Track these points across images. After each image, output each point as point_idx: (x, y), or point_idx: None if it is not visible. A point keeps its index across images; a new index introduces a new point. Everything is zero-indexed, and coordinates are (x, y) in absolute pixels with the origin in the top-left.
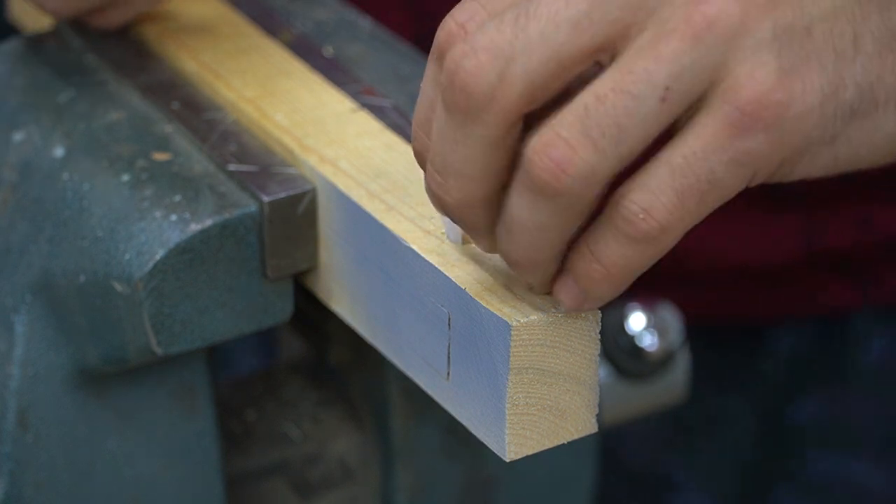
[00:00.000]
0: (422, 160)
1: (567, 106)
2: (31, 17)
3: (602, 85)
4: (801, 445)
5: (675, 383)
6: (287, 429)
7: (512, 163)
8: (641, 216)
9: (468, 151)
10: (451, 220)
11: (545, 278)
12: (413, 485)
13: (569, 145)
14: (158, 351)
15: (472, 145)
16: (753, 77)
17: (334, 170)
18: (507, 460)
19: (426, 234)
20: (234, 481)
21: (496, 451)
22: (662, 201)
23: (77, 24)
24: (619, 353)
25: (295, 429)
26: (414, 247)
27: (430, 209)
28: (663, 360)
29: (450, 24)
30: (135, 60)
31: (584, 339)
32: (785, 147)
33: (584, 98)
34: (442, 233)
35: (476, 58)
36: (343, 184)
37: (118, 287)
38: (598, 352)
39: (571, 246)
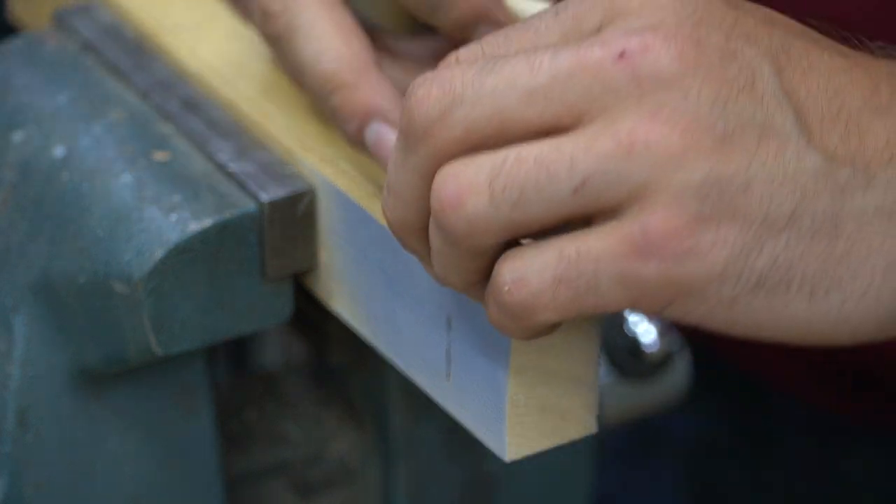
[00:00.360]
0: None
1: (490, 154)
2: (31, 17)
3: (529, 150)
4: None
5: (675, 383)
6: (287, 429)
7: None
8: (507, 288)
9: (404, 176)
10: (393, 232)
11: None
12: (413, 485)
13: (468, 185)
14: (158, 351)
15: (407, 171)
16: (668, 211)
17: (334, 170)
18: (507, 460)
19: None
20: (234, 481)
21: (496, 452)
22: (535, 282)
23: (76, 24)
24: (619, 353)
25: (295, 429)
26: None
27: None
28: (663, 361)
29: (450, 57)
30: (135, 60)
31: (584, 339)
32: (674, 288)
33: (509, 153)
34: None
35: (428, 89)
36: (343, 184)
37: (118, 287)
38: (598, 352)
39: None
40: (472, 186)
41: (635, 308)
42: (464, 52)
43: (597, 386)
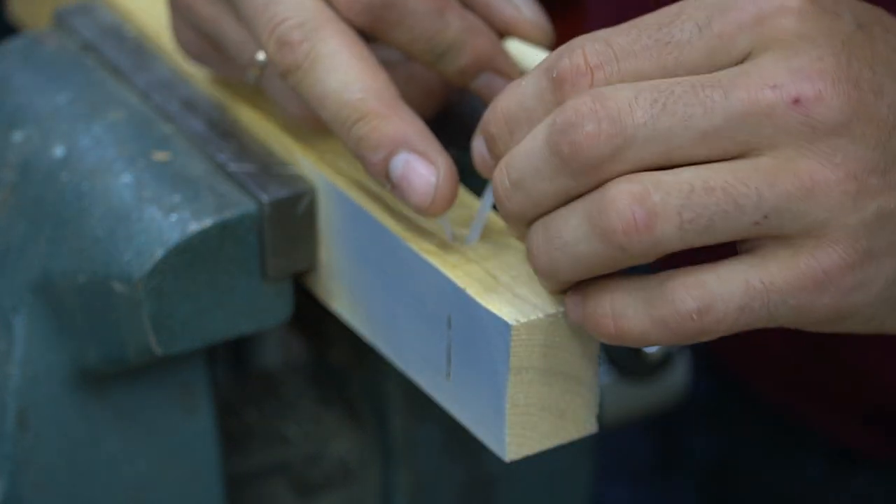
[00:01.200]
0: (491, 143)
1: (670, 175)
2: (31, 17)
3: (714, 178)
4: None
5: (675, 383)
6: (287, 429)
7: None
8: (694, 316)
9: (550, 189)
10: (503, 214)
11: (555, 290)
12: (413, 485)
13: (657, 212)
14: (158, 351)
15: (556, 187)
16: (844, 249)
17: (334, 170)
18: (507, 460)
19: (426, 234)
20: (234, 481)
21: (496, 451)
22: (721, 311)
23: (76, 24)
24: (619, 353)
25: (295, 429)
26: (414, 247)
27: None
28: (663, 361)
29: (578, 56)
30: (135, 60)
31: (584, 339)
32: (837, 315)
33: (694, 179)
34: (443, 233)
35: (598, 126)
36: (343, 184)
37: (118, 287)
38: (598, 352)
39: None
40: (662, 214)
41: (790, 326)
42: (592, 52)
43: (597, 386)
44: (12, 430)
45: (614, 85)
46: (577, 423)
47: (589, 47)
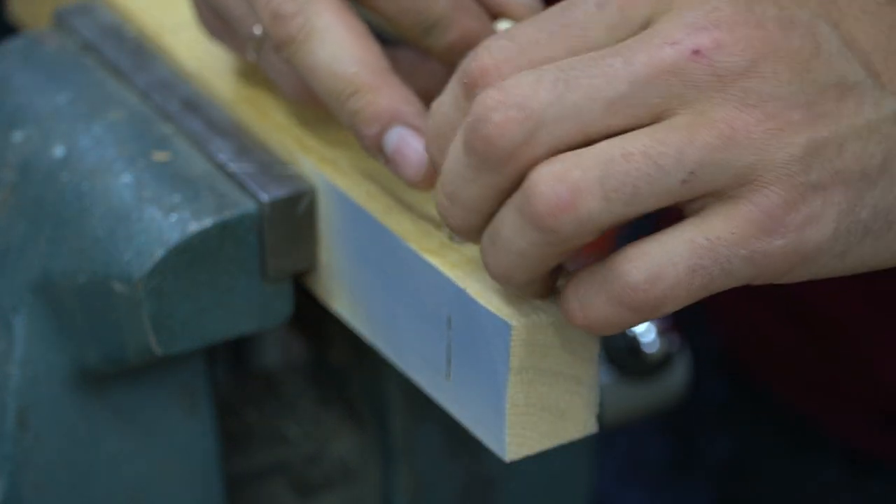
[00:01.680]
0: (433, 170)
1: (588, 150)
2: (31, 17)
3: (632, 144)
4: None
5: (675, 383)
6: (287, 429)
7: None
8: (644, 287)
9: (478, 191)
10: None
11: (524, 292)
12: (413, 485)
13: (578, 188)
14: (158, 351)
15: (482, 187)
16: (781, 188)
17: (334, 170)
18: (507, 460)
19: (426, 234)
20: (234, 481)
21: (496, 452)
22: (670, 275)
23: (76, 24)
24: (619, 353)
25: (295, 429)
26: (414, 247)
27: (430, 209)
28: (663, 360)
29: (484, 57)
30: (134, 60)
31: (584, 339)
32: (798, 256)
33: (611, 149)
34: (442, 233)
35: (506, 114)
36: (343, 184)
37: (118, 287)
38: (598, 352)
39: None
40: (584, 189)
41: (756, 281)
42: (497, 49)
43: (597, 386)
44: (12, 430)
45: (518, 74)
46: (577, 423)
47: (493, 45)
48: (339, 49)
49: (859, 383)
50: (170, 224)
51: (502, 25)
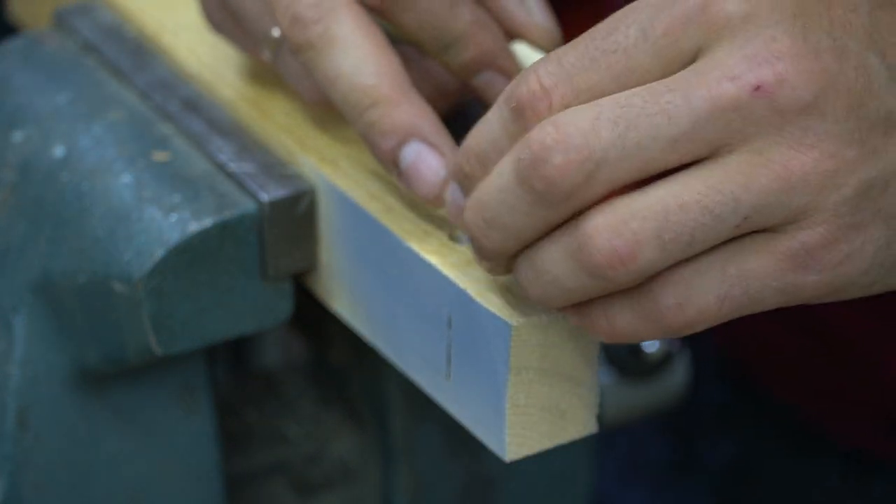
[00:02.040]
0: (467, 184)
1: (643, 198)
2: (31, 17)
3: (687, 193)
4: None
5: (675, 384)
6: (287, 429)
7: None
8: (674, 310)
9: (526, 221)
10: (478, 254)
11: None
12: (413, 485)
13: (637, 241)
14: (158, 351)
15: (532, 219)
16: (826, 227)
17: (334, 170)
18: (507, 460)
19: (426, 234)
20: (234, 481)
21: (496, 452)
22: (701, 303)
23: (76, 24)
24: (619, 353)
25: (295, 428)
26: (414, 247)
27: (431, 210)
28: (663, 361)
29: (532, 82)
30: (134, 60)
31: (585, 339)
32: (829, 289)
33: (666, 199)
34: (442, 232)
35: (567, 156)
36: (343, 184)
37: (118, 287)
38: (598, 352)
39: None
40: (643, 241)
41: (789, 304)
42: (545, 74)
43: (597, 386)
44: (12, 430)
45: (573, 108)
46: (577, 424)
47: (542, 70)
48: (359, 59)
49: (864, 387)
50: (170, 224)
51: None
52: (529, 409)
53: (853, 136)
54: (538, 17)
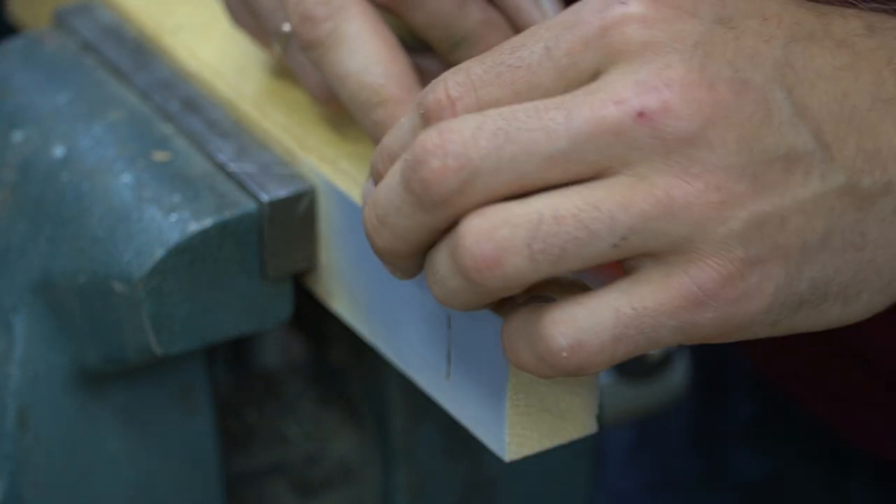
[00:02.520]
0: (377, 181)
1: (520, 206)
2: (31, 17)
3: (564, 206)
4: None
5: (674, 384)
6: (287, 429)
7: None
8: (566, 353)
9: (409, 223)
10: (374, 251)
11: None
12: (413, 485)
13: (504, 248)
14: (158, 351)
15: (415, 222)
16: (717, 262)
17: (334, 170)
18: (507, 461)
19: None
20: (234, 481)
21: (496, 452)
22: (595, 343)
23: (76, 24)
24: None
25: (295, 429)
26: None
27: None
28: (663, 361)
29: (441, 91)
30: (134, 60)
31: None
32: (728, 327)
33: (543, 208)
34: None
35: (444, 161)
36: (343, 184)
37: (118, 287)
38: None
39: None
40: (511, 248)
41: (686, 343)
42: (453, 85)
43: (597, 386)
44: (12, 430)
45: (461, 117)
46: (577, 424)
47: (450, 80)
48: (368, 58)
49: (893, 398)
50: (170, 224)
51: None
52: (529, 409)
53: (745, 170)
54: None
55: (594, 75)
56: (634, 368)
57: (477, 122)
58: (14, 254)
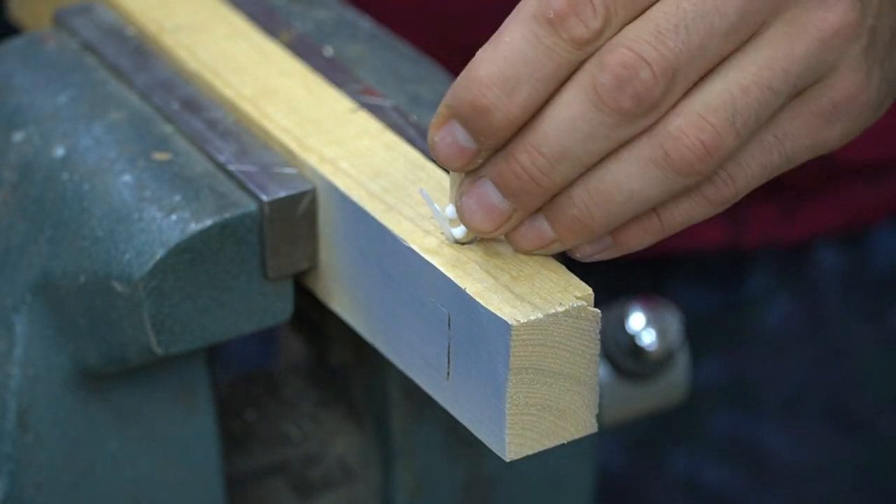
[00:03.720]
0: (483, 118)
1: (709, 94)
2: (32, 17)
3: (745, 76)
4: (704, 406)
5: (675, 383)
6: (287, 429)
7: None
8: (728, 182)
9: (605, 144)
10: (514, 200)
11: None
12: (413, 485)
13: (717, 132)
14: (158, 351)
15: (611, 141)
16: (850, 79)
17: (334, 170)
18: (507, 460)
19: (426, 234)
20: (234, 481)
21: (496, 451)
22: (748, 172)
23: (77, 24)
24: (619, 353)
25: (295, 429)
26: (414, 247)
27: (430, 209)
28: (663, 360)
29: None
30: (135, 60)
31: (584, 339)
32: (849, 134)
33: (730, 86)
34: (441, 233)
35: (651, 70)
36: (343, 184)
37: (118, 287)
38: (597, 351)
39: None
40: (723, 130)
41: (814, 157)
42: None
43: (597, 386)
44: (12, 430)
45: (627, 27)
46: (577, 423)
47: None
48: None
49: None
50: (170, 224)
51: None
52: (529, 408)
53: None
54: None
55: None
56: (634, 368)
57: (650, 26)
58: (14, 254)
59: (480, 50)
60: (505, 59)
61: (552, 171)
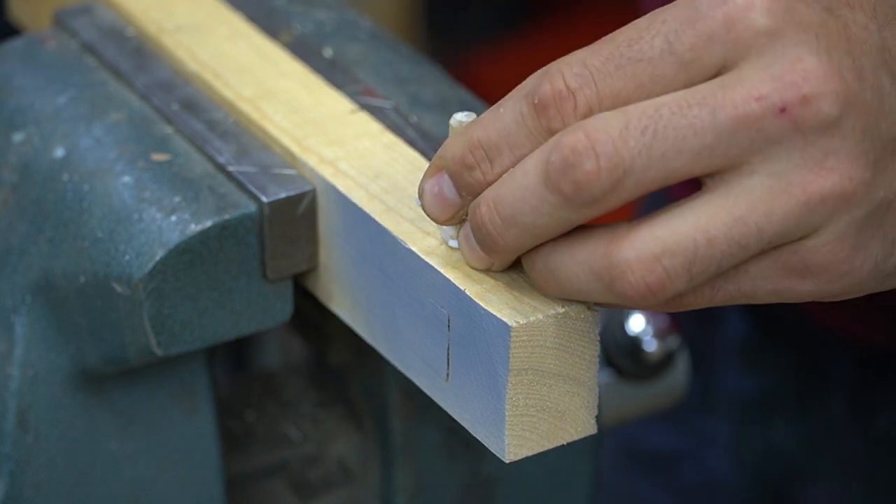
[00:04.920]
0: (465, 175)
1: (673, 234)
2: (31, 18)
3: (715, 225)
4: None
5: (675, 384)
6: (287, 429)
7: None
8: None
9: (548, 222)
10: (482, 249)
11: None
12: (413, 485)
13: (668, 275)
14: (158, 351)
15: (554, 220)
16: (833, 246)
17: (334, 171)
18: (507, 461)
19: (426, 235)
20: (234, 482)
21: (496, 452)
22: (698, 300)
23: (77, 25)
24: (619, 354)
25: (295, 429)
26: (414, 248)
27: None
28: (663, 361)
29: (558, 81)
30: (134, 60)
31: (584, 340)
32: (823, 294)
33: (696, 234)
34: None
35: (597, 162)
36: (343, 185)
37: (118, 288)
38: (597, 353)
39: None
40: (673, 276)
41: (772, 301)
42: (571, 75)
43: (597, 386)
44: (12, 430)
45: (601, 115)
46: (577, 425)
47: (567, 71)
48: None
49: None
50: (170, 225)
51: (459, 116)
52: (529, 410)
53: (868, 158)
54: None
55: (719, 69)
56: (634, 369)
57: (622, 120)
58: (14, 254)
59: (483, 113)
60: (495, 128)
61: (502, 234)
